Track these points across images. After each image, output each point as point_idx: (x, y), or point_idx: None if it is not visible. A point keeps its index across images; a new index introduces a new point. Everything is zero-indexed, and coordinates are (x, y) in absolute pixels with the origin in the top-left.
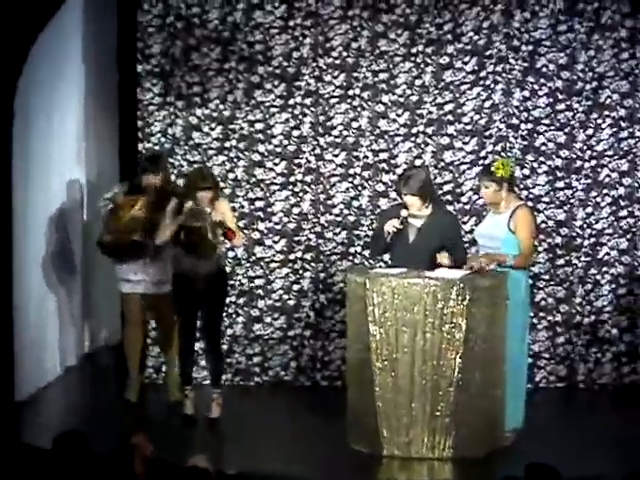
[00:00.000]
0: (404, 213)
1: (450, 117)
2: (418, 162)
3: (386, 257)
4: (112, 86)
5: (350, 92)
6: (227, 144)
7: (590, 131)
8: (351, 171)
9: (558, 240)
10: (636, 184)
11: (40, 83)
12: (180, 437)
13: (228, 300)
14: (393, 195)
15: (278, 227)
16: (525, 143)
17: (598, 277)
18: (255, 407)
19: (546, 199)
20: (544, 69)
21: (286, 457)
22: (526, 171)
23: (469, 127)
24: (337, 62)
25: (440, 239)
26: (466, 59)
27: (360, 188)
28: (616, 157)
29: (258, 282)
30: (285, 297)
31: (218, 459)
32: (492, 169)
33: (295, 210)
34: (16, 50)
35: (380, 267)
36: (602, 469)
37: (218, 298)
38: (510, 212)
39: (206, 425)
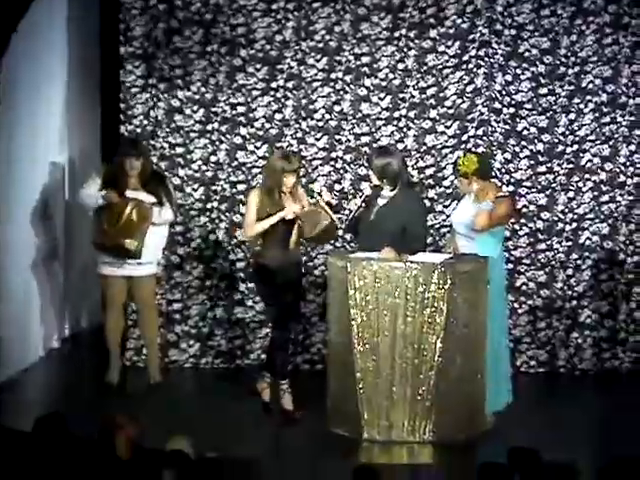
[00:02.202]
0: (367, 190)
1: (432, 101)
2: (400, 146)
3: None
4: (95, 68)
5: (332, 75)
6: (209, 127)
7: (572, 116)
8: (333, 154)
9: (540, 225)
10: (617, 169)
11: (24, 66)
12: (160, 419)
13: (209, 283)
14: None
15: None
16: (507, 127)
17: (579, 262)
18: (235, 390)
19: (527, 183)
20: (527, 53)
21: (266, 441)
22: (508, 155)
23: (451, 111)
24: (320, 45)
25: (397, 221)
26: (449, 43)
27: (342, 172)
28: (598, 142)
29: (240, 265)
30: None
31: (198, 442)
32: (457, 167)
33: None
34: None
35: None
36: (582, 453)
37: (301, 287)
38: (491, 203)
39: (283, 418)
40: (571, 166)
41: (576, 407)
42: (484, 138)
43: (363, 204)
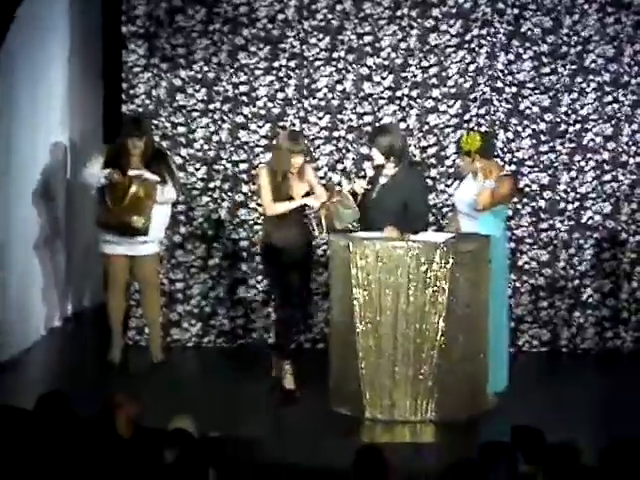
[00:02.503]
0: (369, 171)
1: (435, 80)
2: (402, 125)
3: None
4: (97, 47)
5: (335, 55)
6: (211, 106)
7: (574, 95)
8: (335, 134)
9: (542, 204)
10: (620, 148)
11: (25, 46)
12: (162, 399)
13: (211, 262)
14: None
15: None
16: (509, 107)
17: (581, 241)
18: (237, 369)
19: (530, 163)
20: (529, 33)
21: (268, 420)
22: (510, 134)
23: (453, 90)
24: (322, 25)
25: (399, 198)
26: (451, 22)
27: (344, 151)
28: (600, 121)
29: (242, 244)
30: None
31: (200, 421)
32: (461, 144)
33: None
34: (0, 13)
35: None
36: (584, 433)
37: (309, 267)
38: (494, 182)
39: (284, 397)
40: (573, 145)
41: (578, 386)
42: (486, 117)
43: (367, 186)
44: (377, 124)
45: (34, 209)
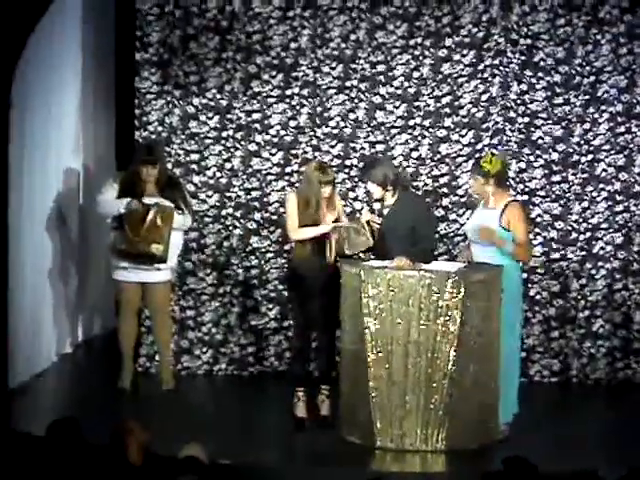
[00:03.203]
0: (365, 215)
1: (447, 110)
2: (415, 154)
3: None
4: (110, 74)
5: (348, 83)
6: (224, 134)
7: (587, 125)
8: (347, 162)
9: (553, 234)
10: (632, 179)
11: (38, 70)
12: (173, 426)
13: (223, 289)
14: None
15: (274, 217)
16: (522, 137)
17: (593, 272)
18: (249, 397)
19: (542, 193)
20: (542, 63)
21: (279, 448)
22: (522, 164)
23: (466, 120)
24: (335, 53)
25: (405, 223)
26: (464, 52)
27: (357, 179)
28: (613, 152)
29: (254, 272)
30: (280, 287)
31: (211, 449)
32: (481, 162)
33: None
34: (14, 37)
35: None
36: (595, 464)
37: (334, 295)
38: (502, 208)
39: (318, 423)
40: (585, 176)
41: (589, 417)
42: (499, 147)
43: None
44: (364, 159)
45: (47, 235)
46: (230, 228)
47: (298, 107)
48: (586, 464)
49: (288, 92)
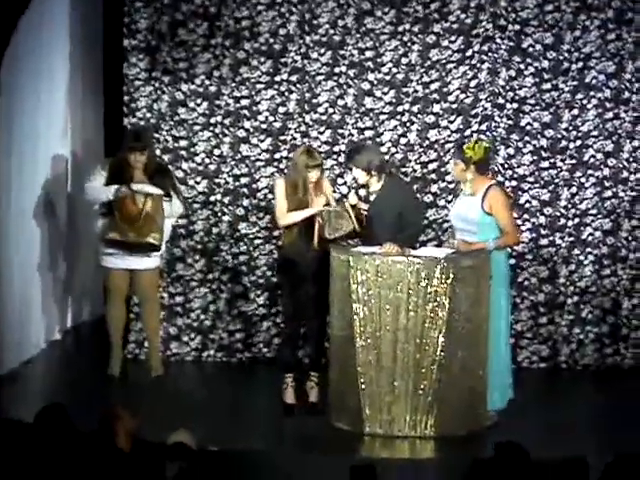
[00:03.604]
0: (352, 199)
1: (436, 96)
2: (403, 140)
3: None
4: (98, 61)
5: (336, 70)
6: (213, 120)
7: (575, 111)
8: (336, 148)
9: (542, 220)
10: (620, 165)
11: (27, 58)
12: (162, 412)
13: (211, 276)
14: None
15: (263, 204)
16: (510, 123)
17: (582, 258)
18: (238, 383)
19: (531, 179)
20: (530, 49)
21: (268, 434)
22: (511, 151)
23: (455, 106)
24: (323, 39)
25: (392, 209)
26: (452, 38)
27: (345, 166)
28: (601, 138)
29: (242, 258)
30: (269, 273)
31: (200, 435)
32: (464, 148)
33: None
34: (1, 26)
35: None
36: (584, 450)
37: (324, 281)
38: (482, 193)
39: (307, 410)
40: (574, 162)
41: (578, 403)
42: (487, 133)
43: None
44: (349, 145)
45: (35, 222)
46: (219, 214)
47: (287, 93)
48: (575, 450)
49: (277, 78)
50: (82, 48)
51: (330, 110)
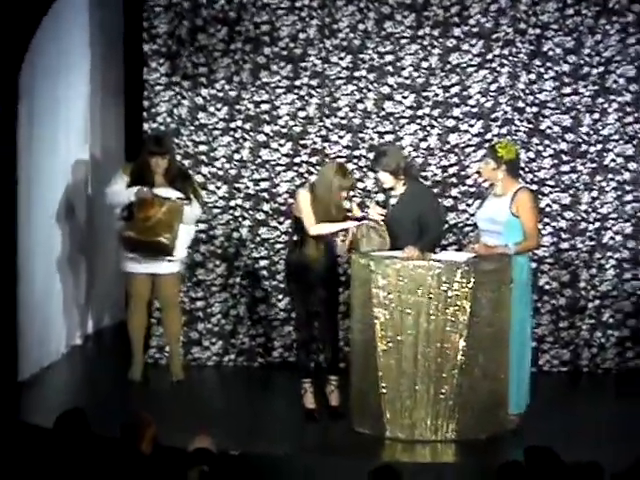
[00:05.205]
0: (373, 213)
1: (456, 100)
2: (423, 144)
3: None
4: (118, 66)
5: (356, 74)
6: (233, 125)
7: (596, 115)
8: (356, 152)
9: (563, 224)
10: None
11: (46, 63)
12: (183, 417)
13: (232, 280)
14: None
15: (283, 208)
16: (530, 126)
17: (602, 261)
18: (258, 388)
19: (551, 183)
20: (550, 53)
21: (289, 438)
22: (531, 154)
23: (475, 110)
24: (343, 43)
25: (412, 214)
26: (473, 42)
27: (365, 169)
28: (622, 142)
29: (263, 263)
30: None
31: (221, 440)
32: (495, 147)
33: None
34: (22, 31)
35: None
36: (605, 453)
37: (334, 285)
38: (511, 195)
39: (328, 414)
40: (594, 165)
41: (599, 407)
42: (508, 137)
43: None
44: (375, 147)
45: (56, 227)
46: (239, 219)
47: (307, 98)
48: (595, 454)
49: (297, 83)
50: (102, 53)
51: (350, 114)
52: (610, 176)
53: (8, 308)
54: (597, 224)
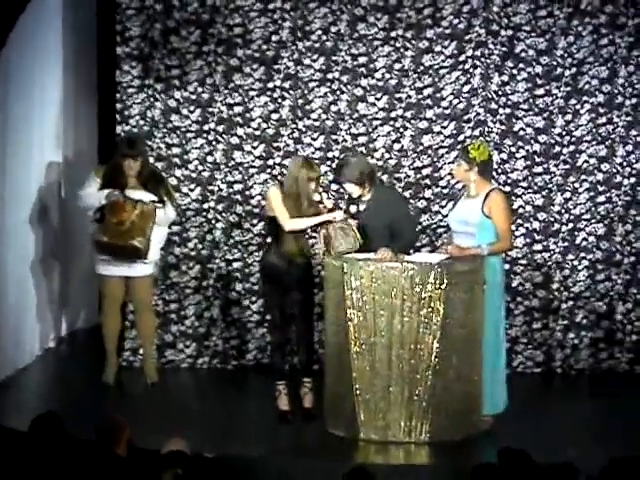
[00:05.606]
0: (339, 216)
1: (429, 101)
2: (397, 146)
3: None
4: (91, 68)
5: (329, 76)
6: (206, 127)
7: (569, 116)
8: (330, 154)
9: (536, 225)
10: (614, 170)
11: (20, 65)
12: (157, 419)
13: (205, 283)
14: None
15: (256, 210)
16: (503, 128)
17: (576, 263)
18: (232, 390)
19: (524, 184)
20: (523, 54)
21: (263, 440)
22: (504, 156)
23: (448, 111)
24: (316, 46)
25: (383, 220)
26: (445, 43)
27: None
28: (594, 143)
29: (236, 265)
30: None
31: (196, 442)
32: (468, 148)
33: None
34: None
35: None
36: (578, 455)
37: (309, 288)
38: (484, 196)
39: (301, 416)
40: (567, 167)
41: (573, 407)
42: (480, 138)
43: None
44: (340, 155)
45: (29, 229)
46: (213, 221)
47: (280, 100)
48: (569, 455)
49: (270, 85)
50: (75, 56)
51: (323, 116)
52: (583, 177)
53: None
54: (570, 225)
